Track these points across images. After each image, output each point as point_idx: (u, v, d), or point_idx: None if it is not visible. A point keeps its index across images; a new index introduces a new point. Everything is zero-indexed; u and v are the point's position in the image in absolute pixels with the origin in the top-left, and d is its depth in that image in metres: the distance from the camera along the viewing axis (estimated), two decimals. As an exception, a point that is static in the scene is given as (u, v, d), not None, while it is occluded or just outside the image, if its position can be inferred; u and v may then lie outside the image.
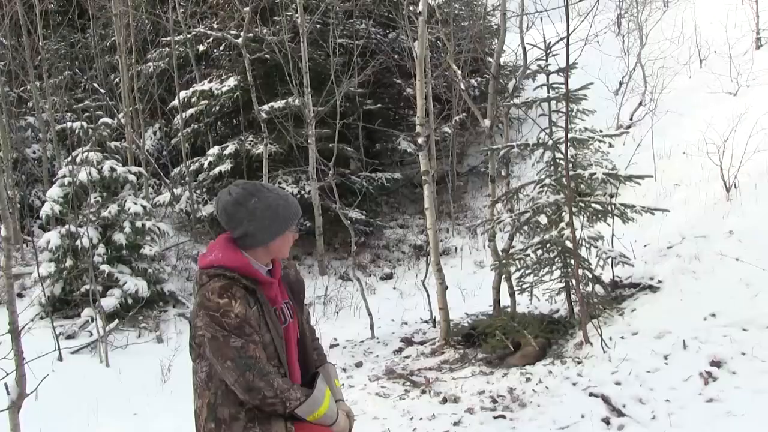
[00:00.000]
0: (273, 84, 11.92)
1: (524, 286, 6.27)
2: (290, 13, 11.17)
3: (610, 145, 8.67)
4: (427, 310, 7.97)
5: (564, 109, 5.49)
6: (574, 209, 5.54)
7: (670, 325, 4.94)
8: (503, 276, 6.83)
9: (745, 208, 6.72)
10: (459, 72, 8.63)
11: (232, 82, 11.60)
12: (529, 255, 6.01)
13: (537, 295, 6.43)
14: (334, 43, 11.06)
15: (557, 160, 6.18)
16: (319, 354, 2.43)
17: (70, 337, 7.32)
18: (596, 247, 5.79)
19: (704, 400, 4.00)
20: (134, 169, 9.35)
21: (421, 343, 6.92)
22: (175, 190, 12.18)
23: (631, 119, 11.94)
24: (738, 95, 10.10)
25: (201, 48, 12.82)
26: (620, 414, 4.01)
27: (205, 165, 11.63)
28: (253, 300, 2.06)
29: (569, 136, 5.47)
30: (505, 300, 6.96)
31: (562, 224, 5.74)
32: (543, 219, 6.12)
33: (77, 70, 13.93)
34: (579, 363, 4.87)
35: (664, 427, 3.80)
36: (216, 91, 11.67)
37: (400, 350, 6.82)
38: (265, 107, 10.87)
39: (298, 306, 2.30)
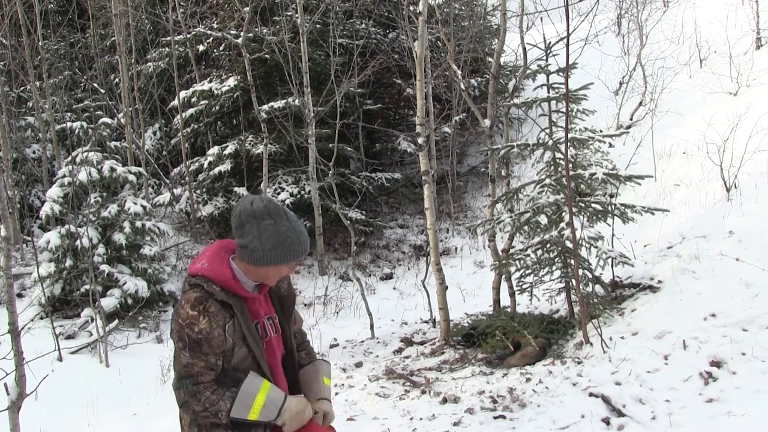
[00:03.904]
0: (273, 84, 11.93)
1: (524, 286, 6.27)
2: (290, 13, 11.17)
3: (610, 145, 8.69)
4: (427, 310, 7.97)
5: (564, 109, 5.49)
6: (574, 209, 5.53)
7: (670, 325, 4.94)
8: (503, 276, 6.83)
9: (745, 208, 6.72)
10: (459, 72, 8.63)
11: (232, 82, 11.61)
12: (529, 255, 6.01)
13: (537, 295, 6.43)
14: (334, 43, 11.06)
15: (557, 160, 6.18)
16: (309, 355, 2.41)
17: (69, 337, 7.33)
18: (596, 247, 5.78)
19: (704, 400, 4.00)
20: (134, 169, 9.36)
21: (421, 343, 6.92)
22: (175, 190, 12.18)
23: (631, 119, 11.94)
24: (738, 95, 10.10)
25: (201, 48, 12.83)
26: (620, 414, 4.01)
27: (205, 165, 11.64)
28: (229, 314, 2.03)
29: (569, 136, 5.46)
30: (505, 300, 6.96)
31: (562, 224, 5.74)
32: (543, 219, 6.11)
33: (77, 70, 13.94)
34: (579, 363, 4.87)
35: (664, 427, 3.80)
36: (216, 91, 11.68)
37: (400, 350, 6.82)
38: (265, 107, 10.88)
39: (285, 319, 2.27)
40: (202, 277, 2.04)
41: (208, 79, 12.40)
